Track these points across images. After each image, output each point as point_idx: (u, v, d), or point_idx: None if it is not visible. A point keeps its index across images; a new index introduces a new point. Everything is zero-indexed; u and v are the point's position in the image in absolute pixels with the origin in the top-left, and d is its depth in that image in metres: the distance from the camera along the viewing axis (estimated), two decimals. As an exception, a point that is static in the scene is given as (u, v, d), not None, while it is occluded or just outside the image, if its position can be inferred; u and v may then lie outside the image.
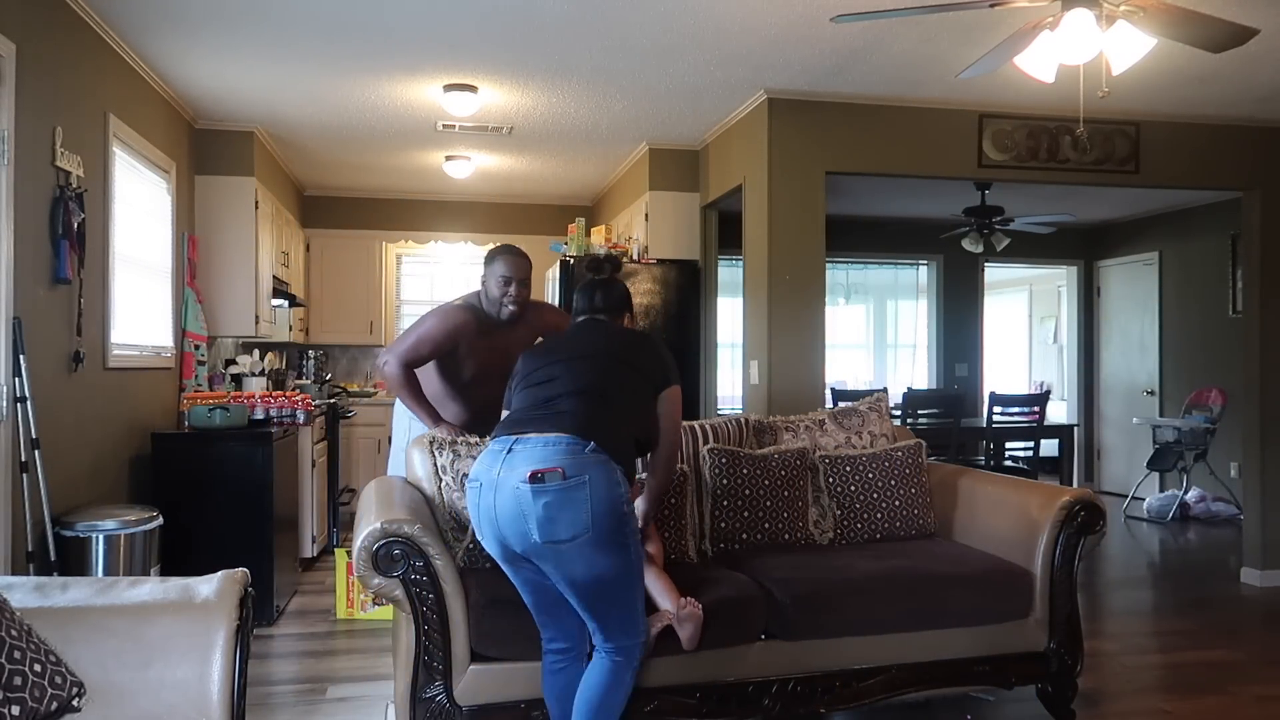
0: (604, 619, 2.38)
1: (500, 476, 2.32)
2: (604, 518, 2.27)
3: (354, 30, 4.12)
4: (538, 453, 2.29)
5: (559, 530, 2.25)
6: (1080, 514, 3.12)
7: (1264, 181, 5.43)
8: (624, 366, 2.56)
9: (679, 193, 6.16)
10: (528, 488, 2.25)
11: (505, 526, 2.31)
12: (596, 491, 2.27)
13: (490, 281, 3.34)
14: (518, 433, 2.37)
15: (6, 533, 3.22)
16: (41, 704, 1.68)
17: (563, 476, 2.25)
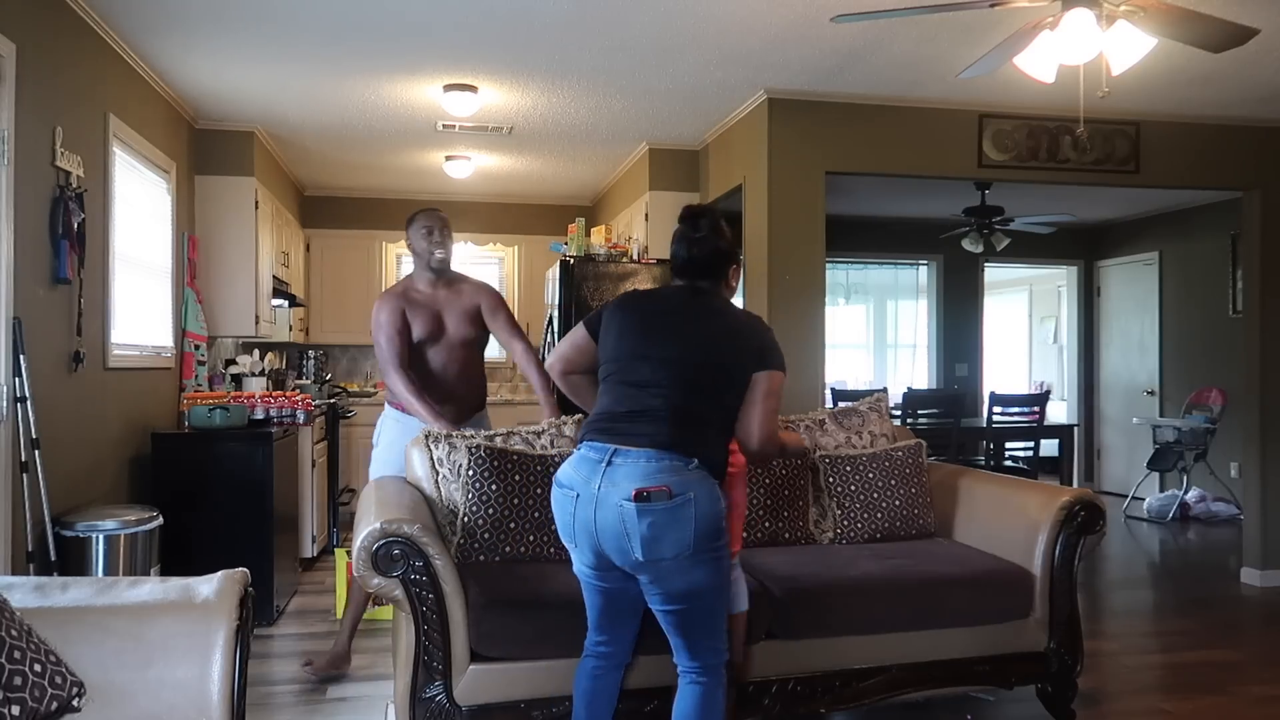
0: (691, 634, 2.31)
1: (601, 491, 2.25)
2: (706, 534, 2.23)
3: (354, 30, 4.12)
4: (640, 468, 2.22)
5: (664, 549, 2.20)
6: (1080, 514, 3.12)
7: (1264, 181, 5.43)
8: (717, 368, 2.35)
9: (679, 193, 6.15)
10: (633, 506, 2.19)
11: (606, 541, 2.26)
12: (701, 509, 2.22)
13: (415, 239, 3.60)
14: (616, 442, 2.28)
15: (6, 533, 3.22)
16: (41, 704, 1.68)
17: (669, 496, 2.19)
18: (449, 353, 3.63)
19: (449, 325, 3.63)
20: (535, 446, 3.27)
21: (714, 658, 2.33)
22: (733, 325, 2.41)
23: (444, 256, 3.62)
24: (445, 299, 3.65)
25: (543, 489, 3.07)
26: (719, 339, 2.37)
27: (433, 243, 3.61)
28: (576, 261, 5.90)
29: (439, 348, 3.62)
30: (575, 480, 2.31)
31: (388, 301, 3.61)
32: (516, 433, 3.34)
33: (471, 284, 3.76)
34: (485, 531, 3.01)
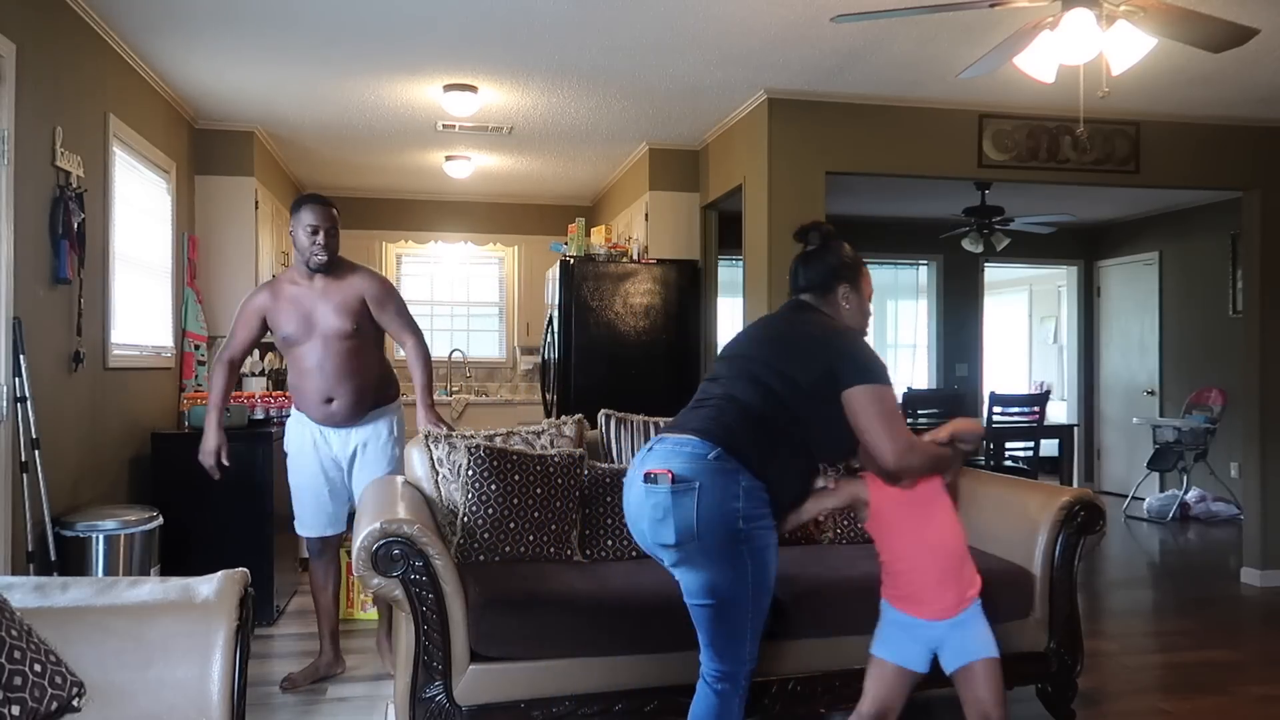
0: (710, 635, 2.26)
1: (633, 474, 2.31)
2: (712, 528, 2.17)
3: (354, 30, 4.12)
4: (663, 452, 2.24)
5: (665, 534, 2.19)
6: (1080, 514, 3.12)
7: (1264, 181, 5.42)
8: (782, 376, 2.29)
9: (679, 193, 6.16)
10: (642, 488, 2.23)
11: (633, 522, 2.32)
12: (705, 499, 2.16)
13: (298, 231, 3.39)
14: (665, 432, 2.33)
15: (6, 533, 3.22)
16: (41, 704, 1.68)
17: (670, 480, 2.17)
18: (324, 348, 3.42)
19: (321, 320, 3.42)
20: (535, 446, 3.27)
21: (729, 665, 2.26)
22: (806, 340, 2.34)
23: (323, 260, 3.40)
24: (322, 291, 3.44)
25: (543, 489, 3.07)
26: (790, 349, 2.33)
27: (315, 244, 3.38)
28: (576, 261, 5.90)
29: (312, 344, 3.43)
30: (631, 468, 2.36)
31: (251, 297, 3.56)
32: (516, 433, 3.34)
33: (360, 274, 3.53)
34: (485, 531, 3.01)
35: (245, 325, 3.51)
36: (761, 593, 2.24)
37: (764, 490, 2.22)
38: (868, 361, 2.30)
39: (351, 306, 3.44)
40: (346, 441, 3.54)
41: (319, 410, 3.47)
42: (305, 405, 3.52)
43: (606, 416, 3.54)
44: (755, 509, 2.20)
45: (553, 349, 6.11)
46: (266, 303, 3.47)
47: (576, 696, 2.69)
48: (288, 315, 3.43)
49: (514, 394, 8.14)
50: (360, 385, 3.48)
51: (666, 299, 5.97)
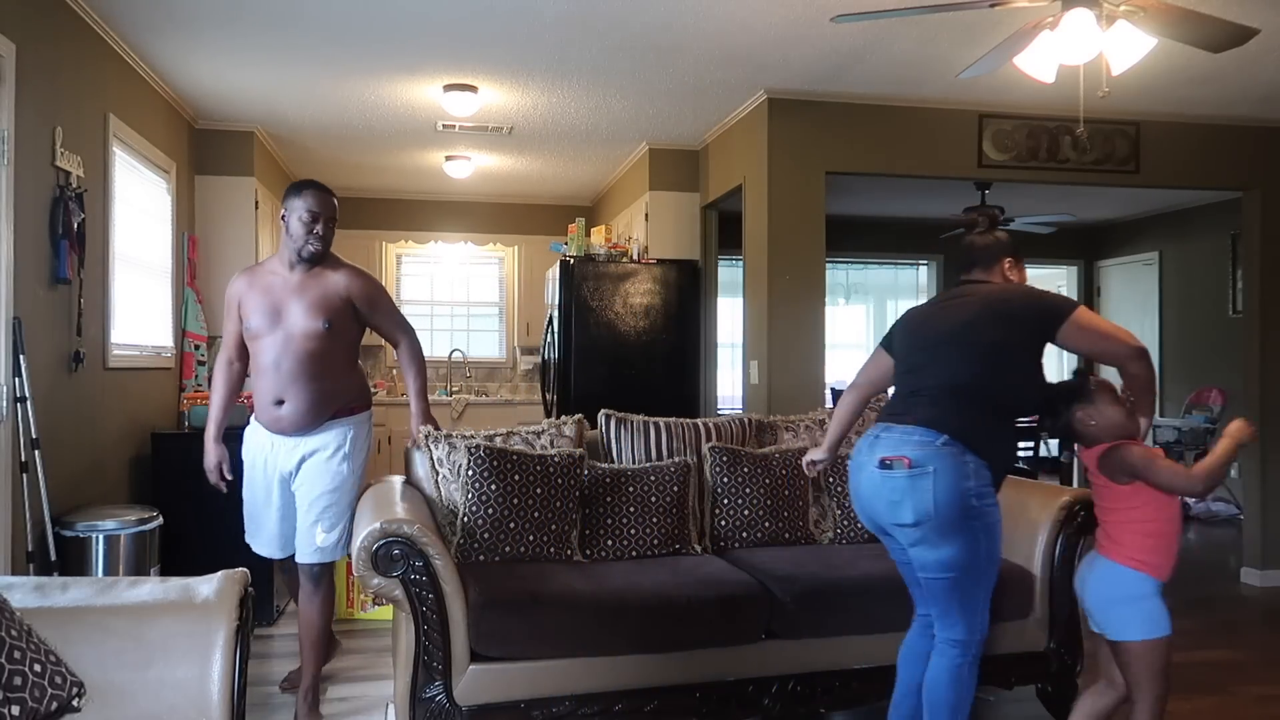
0: (947, 605, 2.49)
1: (864, 460, 2.56)
2: (947, 507, 2.39)
3: (354, 30, 4.12)
4: (893, 440, 2.48)
5: (904, 514, 2.43)
6: (1080, 514, 3.12)
7: (1264, 181, 5.42)
8: (987, 344, 2.49)
9: (679, 193, 6.16)
10: (878, 473, 2.48)
11: (865, 505, 2.58)
12: (941, 482, 2.39)
13: (293, 218, 3.11)
14: (888, 422, 2.55)
15: (6, 533, 3.22)
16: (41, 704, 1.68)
17: (907, 466, 2.41)
18: (284, 345, 3.10)
19: (289, 314, 3.11)
20: (535, 446, 3.27)
21: (964, 634, 2.48)
22: (994, 305, 2.55)
23: (317, 251, 3.13)
24: (298, 285, 3.14)
25: (542, 489, 3.07)
26: (983, 320, 2.53)
27: (312, 233, 3.11)
28: (576, 261, 5.90)
29: (273, 339, 3.11)
30: (856, 453, 2.63)
31: (231, 284, 3.28)
32: (516, 433, 3.34)
33: (345, 271, 3.23)
34: (485, 531, 3.01)
35: (230, 317, 3.28)
36: (993, 563, 2.51)
37: (987, 467, 2.45)
38: (1057, 297, 2.59)
39: (329, 304, 3.14)
40: (293, 453, 3.17)
41: (267, 413, 3.14)
42: (258, 407, 3.20)
43: (606, 416, 3.54)
44: (983, 486, 2.44)
45: (553, 349, 6.11)
46: (241, 289, 3.20)
47: (576, 696, 2.70)
48: (256, 304, 3.15)
49: (514, 394, 8.15)
50: (317, 391, 3.12)
51: (666, 299, 5.97)
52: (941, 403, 2.48)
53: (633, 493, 3.22)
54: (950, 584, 2.46)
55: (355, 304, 3.19)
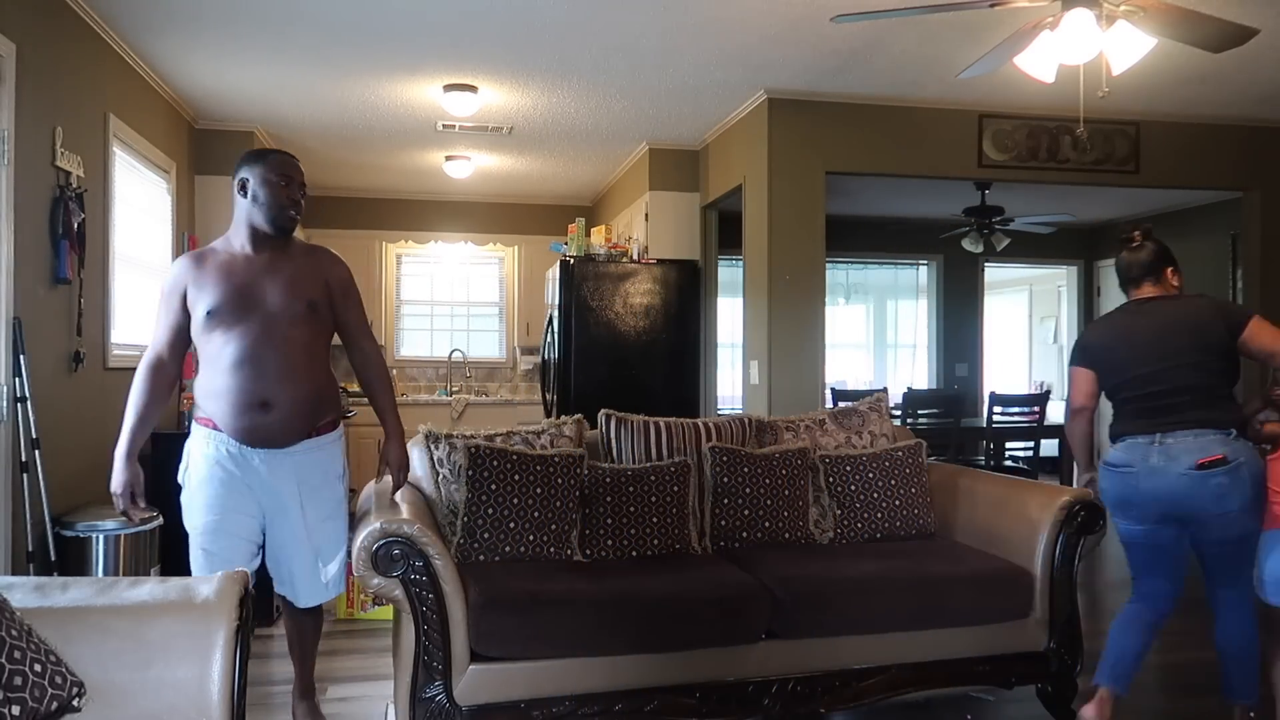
0: (1237, 569, 2.88)
1: (1160, 464, 2.84)
2: (1256, 488, 2.77)
3: (354, 30, 4.12)
4: (1190, 443, 2.80)
5: (1229, 504, 2.78)
6: (1080, 514, 3.12)
7: (1264, 181, 5.43)
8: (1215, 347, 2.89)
9: (679, 193, 6.16)
10: (1197, 474, 2.79)
11: (1176, 504, 2.86)
12: (1250, 470, 2.77)
13: (258, 184, 2.62)
14: (1158, 430, 2.86)
15: (6, 533, 3.22)
16: (42, 704, 1.68)
17: (1225, 461, 2.76)
18: (265, 333, 2.58)
19: (265, 296, 2.60)
20: (535, 446, 3.27)
21: (1248, 589, 2.85)
22: (1187, 307, 3.01)
23: (296, 219, 2.68)
24: (268, 264, 2.65)
25: (542, 489, 3.07)
26: (1202, 327, 2.92)
27: (286, 198, 2.63)
28: (576, 261, 5.90)
29: (245, 327, 2.57)
30: (1131, 460, 2.91)
31: (173, 270, 2.71)
32: (516, 433, 3.34)
33: (321, 252, 2.82)
34: (485, 531, 3.01)
35: (168, 307, 2.66)
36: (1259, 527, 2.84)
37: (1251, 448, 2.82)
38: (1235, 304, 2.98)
39: (312, 284, 2.68)
40: (276, 471, 2.63)
41: (245, 418, 2.56)
42: (222, 413, 2.59)
43: (606, 416, 3.54)
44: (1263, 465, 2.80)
45: (553, 349, 6.11)
46: (186, 272, 2.64)
47: (576, 696, 2.70)
48: (214, 287, 2.58)
49: (514, 394, 8.14)
50: (311, 391, 2.65)
51: (666, 299, 5.97)
52: (1209, 403, 2.84)
53: (633, 493, 3.22)
54: (1246, 550, 2.80)
55: (331, 290, 2.74)
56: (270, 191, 2.62)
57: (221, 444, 2.63)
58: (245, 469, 2.63)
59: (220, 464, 2.63)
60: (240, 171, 2.65)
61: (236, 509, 2.65)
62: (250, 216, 2.64)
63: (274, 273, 2.63)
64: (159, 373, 2.69)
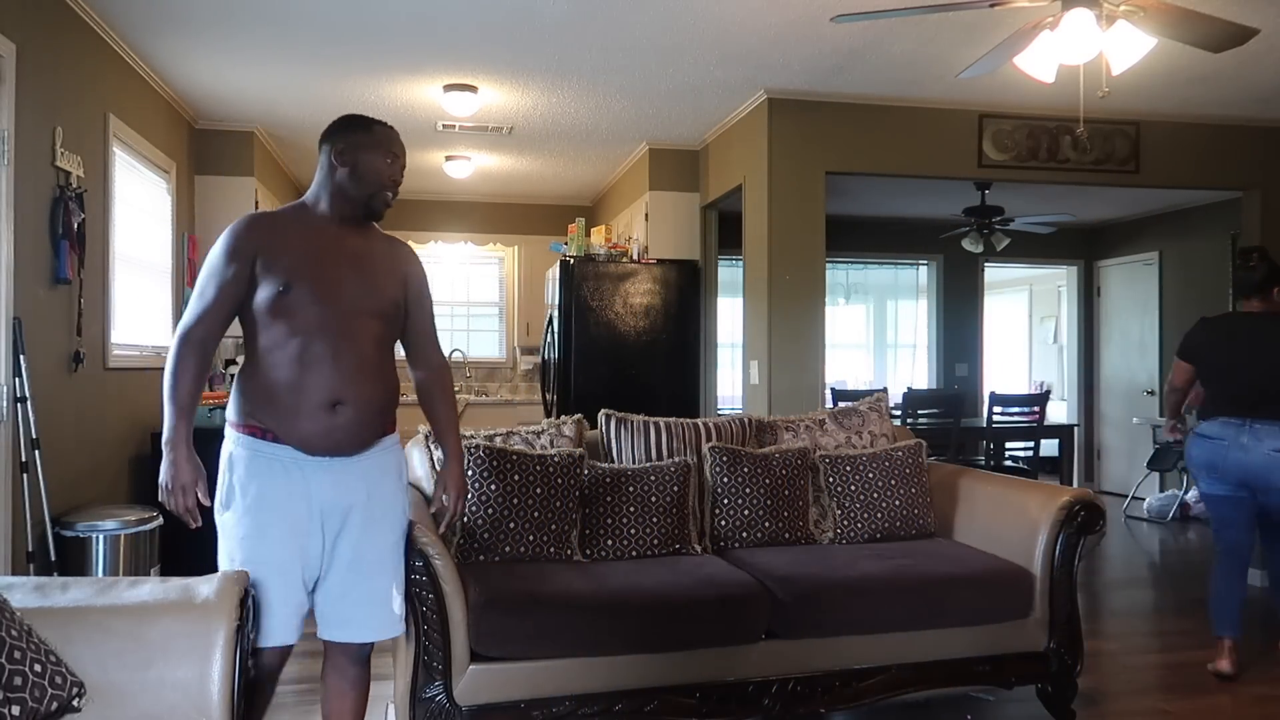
0: None
1: (1249, 443, 3.61)
2: None
3: (354, 30, 4.12)
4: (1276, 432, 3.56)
5: None
6: (1080, 514, 3.12)
7: (1264, 181, 5.42)
8: None
9: (679, 193, 6.16)
10: (1276, 455, 3.56)
11: (1254, 477, 3.63)
12: None
13: (365, 156, 2.32)
14: (1247, 417, 3.62)
15: (6, 533, 3.22)
16: (42, 704, 1.68)
17: None
18: (343, 325, 2.24)
19: (352, 282, 2.28)
20: (535, 446, 3.27)
21: None
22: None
23: (392, 202, 2.44)
24: (357, 248, 2.34)
25: (542, 489, 3.07)
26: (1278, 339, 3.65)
27: (389, 178, 2.38)
28: (576, 261, 5.90)
29: (324, 313, 2.21)
30: (1224, 435, 3.68)
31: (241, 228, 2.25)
32: (516, 433, 3.34)
33: (399, 244, 2.54)
34: (485, 531, 3.01)
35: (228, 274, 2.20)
36: None
37: None
38: None
39: (394, 279, 2.40)
40: (342, 482, 2.27)
41: (313, 420, 2.20)
42: (286, 416, 2.21)
43: (606, 416, 3.54)
44: None
45: (553, 349, 6.11)
46: (259, 239, 2.23)
47: (576, 696, 2.70)
48: (292, 260, 2.21)
49: (514, 394, 8.14)
50: (382, 395, 2.32)
51: (666, 299, 5.97)
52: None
53: (633, 493, 3.22)
54: None
55: (408, 288, 2.44)
56: (375, 167, 2.33)
57: (278, 456, 2.23)
58: (308, 484, 2.23)
59: (279, 481, 2.23)
60: (337, 137, 2.33)
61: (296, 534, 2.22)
62: (343, 190, 2.32)
63: (358, 258, 2.32)
64: (204, 350, 2.22)
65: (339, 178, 2.33)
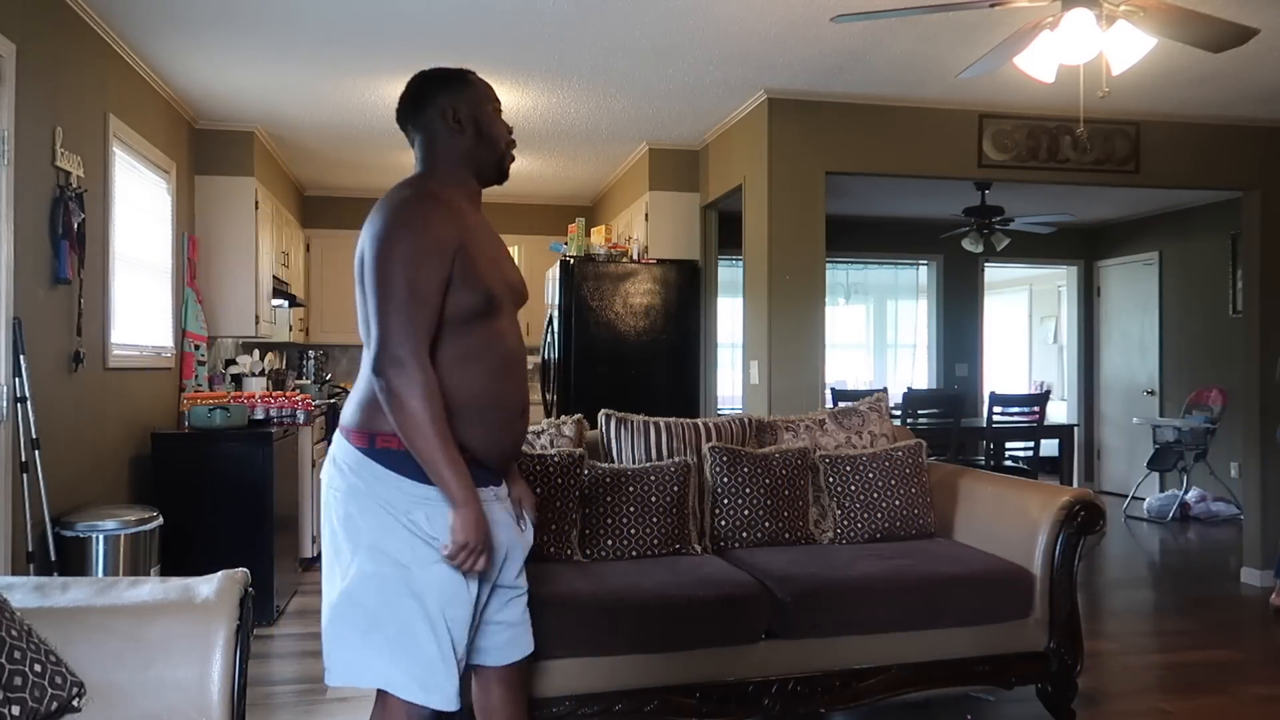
0: None
1: None
2: None
3: (354, 30, 4.12)
4: None
5: None
6: (1080, 514, 3.12)
7: (1264, 181, 5.42)
8: None
9: (679, 193, 6.16)
10: None
11: None
12: None
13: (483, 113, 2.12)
14: None
15: (6, 533, 3.22)
16: (42, 704, 1.68)
17: None
18: (517, 331, 2.05)
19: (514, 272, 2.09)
20: (535, 446, 3.27)
21: None
22: None
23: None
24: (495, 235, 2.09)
25: (542, 489, 3.07)
26: None
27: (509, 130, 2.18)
28: (576, 261, 5.90)
29: (510, 307, 2.02)
30: None
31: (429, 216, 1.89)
32: (516, 433, 3.33)
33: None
34: (485, 531, 3.00)
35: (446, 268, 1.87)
36: None
37: None
38: None
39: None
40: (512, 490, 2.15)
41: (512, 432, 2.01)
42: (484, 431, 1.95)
43: (606, 416, 3.54)
44: None
45: (553, 349, 6.11)
46: (459, 229, 1.92)
47: (576, 696, 2.70)
48: (484, 254, 1.96)
49: (514, 394, 8.13)
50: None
51: (666, 299, 5.97)
52: None
53: (633, 493, 3.22)
54: None
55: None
56: (496, 124, 2.10)
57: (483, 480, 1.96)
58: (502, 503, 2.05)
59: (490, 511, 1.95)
60: (439, 96, 2.07)
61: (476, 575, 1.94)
62: (472, 157, 2.08)
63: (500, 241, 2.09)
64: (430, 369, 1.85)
65: (464, 144, 2.06)
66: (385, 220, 1.89)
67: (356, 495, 1.90)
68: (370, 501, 1.89)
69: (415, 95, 2.11)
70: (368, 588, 1.88)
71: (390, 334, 1.82)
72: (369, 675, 1.91)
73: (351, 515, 1.91)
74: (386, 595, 1.88)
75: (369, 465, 1.90)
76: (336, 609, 1.92)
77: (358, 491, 1.90)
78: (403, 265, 1.83)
